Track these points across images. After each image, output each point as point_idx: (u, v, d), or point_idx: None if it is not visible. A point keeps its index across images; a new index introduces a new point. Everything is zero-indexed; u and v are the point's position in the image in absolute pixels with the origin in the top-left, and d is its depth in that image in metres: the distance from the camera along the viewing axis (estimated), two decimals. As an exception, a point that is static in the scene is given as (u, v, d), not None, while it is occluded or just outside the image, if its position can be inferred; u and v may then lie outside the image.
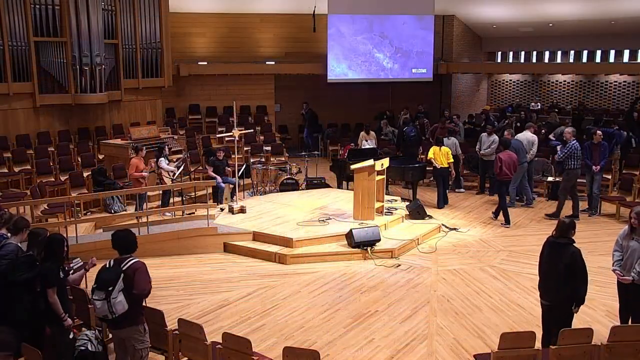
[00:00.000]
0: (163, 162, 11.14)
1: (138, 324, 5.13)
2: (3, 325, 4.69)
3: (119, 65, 14.88)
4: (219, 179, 11.64)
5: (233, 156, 11.50)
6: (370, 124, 16.49)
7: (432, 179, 13.34)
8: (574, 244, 5.71)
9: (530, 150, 12.37)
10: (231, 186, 11.75)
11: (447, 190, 12.76)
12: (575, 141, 11.34)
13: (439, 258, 9.33)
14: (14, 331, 4.09)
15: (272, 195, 12.40)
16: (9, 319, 5.08)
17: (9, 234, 5.64)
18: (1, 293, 5.22)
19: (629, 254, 6.11)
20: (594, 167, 11.44)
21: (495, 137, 12.99)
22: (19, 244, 5.58)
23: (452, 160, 12.45)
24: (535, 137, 12.64)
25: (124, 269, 5.01)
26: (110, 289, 4.91)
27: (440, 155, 12.25)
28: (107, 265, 5.08)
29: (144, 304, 5.30)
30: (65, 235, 5.69)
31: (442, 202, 12.33)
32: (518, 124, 16.61)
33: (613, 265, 6.27)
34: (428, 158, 12.54)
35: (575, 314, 5.84)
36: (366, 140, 14.88)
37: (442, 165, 12.23)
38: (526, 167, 12.15)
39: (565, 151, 11.22)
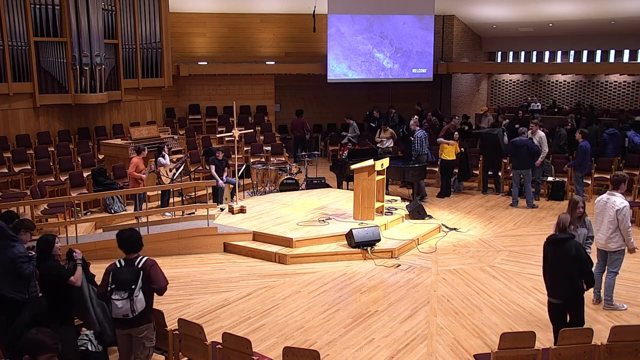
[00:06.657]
0: (162, 159, 11.15)
1: (151, 321, 5.19)
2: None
3: (119, 65, 14.89)
4: (219, 180, 11.63)
5: (233, 156, 11.50)
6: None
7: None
8: (574, 238, 5.84)
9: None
10: (231, 186, 11.75)
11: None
12: (420, 131, 12.84)
13: (439, 258, 9.33)
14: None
15: (272, 195, 12.40)
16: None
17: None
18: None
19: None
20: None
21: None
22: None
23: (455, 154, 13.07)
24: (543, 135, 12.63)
25: (139, 266, 5.02)
26: (132, 287, 4.93)
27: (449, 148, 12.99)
28: (119, 265, 5.06)
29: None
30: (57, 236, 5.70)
31: (442, 193, 13.00)
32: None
33: None
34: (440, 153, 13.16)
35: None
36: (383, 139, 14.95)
37: (449, 158, 12.93)
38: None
39: (415, 140, 12.81)
